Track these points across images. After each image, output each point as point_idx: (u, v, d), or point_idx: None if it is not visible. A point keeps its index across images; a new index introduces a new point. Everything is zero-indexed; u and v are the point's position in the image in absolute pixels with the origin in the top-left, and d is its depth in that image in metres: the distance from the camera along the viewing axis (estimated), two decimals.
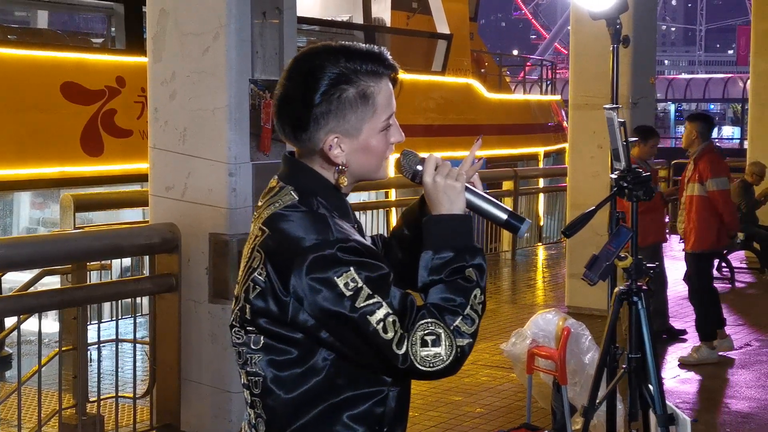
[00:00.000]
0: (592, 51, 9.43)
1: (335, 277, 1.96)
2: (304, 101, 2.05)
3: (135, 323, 6.61)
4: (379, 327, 1.95)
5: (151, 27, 6.15)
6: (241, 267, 2.13)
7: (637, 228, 3.66)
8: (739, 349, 8.54)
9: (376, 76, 2.09)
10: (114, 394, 6.16)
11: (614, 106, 3.53)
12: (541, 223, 15.37)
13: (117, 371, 6.21)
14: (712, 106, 64.86)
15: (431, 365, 1.96)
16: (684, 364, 7.92)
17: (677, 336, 8.89)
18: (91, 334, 6.04)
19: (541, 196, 15.74)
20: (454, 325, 1.98)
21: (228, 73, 5.81)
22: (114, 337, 6.37)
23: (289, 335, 2.03)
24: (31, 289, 6.47)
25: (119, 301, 7.24)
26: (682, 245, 13.46)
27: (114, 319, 7.37)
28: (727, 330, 9.33)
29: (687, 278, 8.44)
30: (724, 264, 12.19)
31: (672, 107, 60.42)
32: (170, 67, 6.07)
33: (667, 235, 14.68)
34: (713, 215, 7.94)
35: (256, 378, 2.08)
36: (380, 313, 1.95)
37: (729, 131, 59.10)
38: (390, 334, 1.95)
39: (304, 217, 2.03)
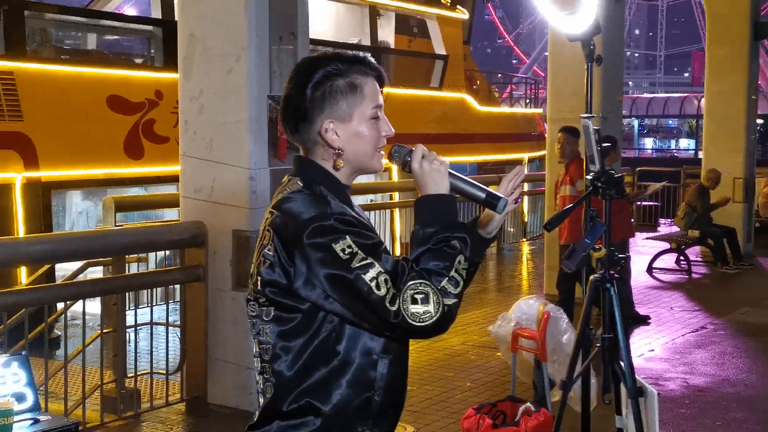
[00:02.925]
0: (567, 72, 9.39)
1: (333, 244, 1.94)
2: (302, 93, 2.08)
3: (167, 309, 6.58)
4: (373, 284, 1.91)
5: (182, 50, 6.12)
6: (255, 247, 2.12)
7: (610, 223, 3.59)
8: (696, 331, 8.49)
9: (362, 73, 2.12)
10: (149, 371, 6.11)
11: (590, 115, 3.46)
12: (526, 220, 15.29)
13: (152, 350, 6.15)
14: (670, 122, 64.96)
15: (421, 321, 1.91)
16: None
17: (642, 321, 8.83)
18: (129, 318, 6.00)
19: (526, 197, 15.70)
20: (441, 285, 1.93)
21: (249, 91, 5.78)
22: (149, 320, 6.34)
23: (295, 305, 2.01)
24: (78, 278, 6.43)
25: (154, 289, 7.19)
26: (646, 240, 13.60)
27: (149, 305, 7.34)
28: (685, 315, 9.32)
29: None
30: (682, 258, 12.15)
31: (636, 122, 60.60)
32: (199, 85, 6.03)
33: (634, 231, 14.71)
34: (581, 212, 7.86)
35: (267, 346, 2.06)
36: (373, 272, 1.92)
37: (685, 143, 59.08)
38: (383, 291, 1.91)
39: (307, 197, 2.04)
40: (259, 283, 2.06)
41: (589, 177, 3.48)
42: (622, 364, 3.46)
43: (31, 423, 3.30)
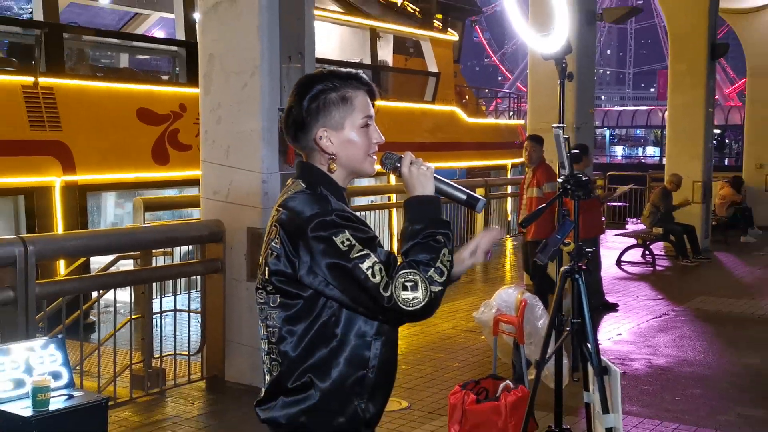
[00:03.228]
0: (545, 88, 9.37)
1: (333, 237, 1.95)
2: (300, 106, 2.09)
3: (189, 297, 6.57)
4: (369, 272, 1.92)
5: (202, 67, 6.12)
6: (264, 242, 2.12)
7: (578, 221, 3.59)
8: (659, 317, 8.49)
9: (354, 87, 2.12)
10: (173, 352, 6.10)
11: (560, 125, 3.46)
12: (509, 219, 15.27)
13: (175, 334, 6.15)
14: (638, 132, 64.89)
15: (411, 305, 1.91)
16: None
17: (611, 308, 8.82)
18: (156, 306, 5.99)
19: (509, 199, 15.70)
20: (428, 274, 1.93)
21: (261, 104, 5.79)
22: (173, 307, 6.34)
23: (298, 293, 2.01)
24: (110, 270, 6.42)
25: (178, 280, 7.17)
26: (615, 237, 13.60)
27: (174, 294, 7.33)
28: (649, 303, 9.32)
29: (529, 261, 8.15)
30: (647, 252, 12.16)
31: (607, 132, 60.66)
32: (217, 99, 6.04)
33: (604, 228, 14.71)
34: (548, 211, 7.83)
35: (273, 329, 2.06)
36: (369, 262, 1.93)
37: (651, 151, 59.07)
38: (377, 279, 1.92)
39: (310, 197, 2.04)
40: (266, 272, 2.06)
41: (560, 180, 3.48)
42: (589, 345, 3.45)
43: (66, 398, 3.31)
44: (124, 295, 6.09)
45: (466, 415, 3.86)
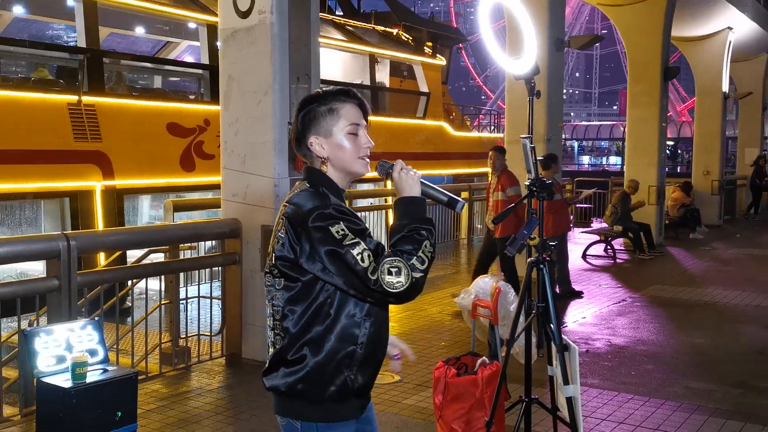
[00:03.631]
0: (521, 104, 9.37)
1: (329, 227, 1.96)
2: (297, 120, 2.15)
3: (211, 286, 6.55)
4: (358, 257, 1.93)
5: (222, 87, 6.11)
6: (272, 233, 2.14)
7: (543, 218, 3.57)
8: (618, 303, 8.48)
9: (341, 101, 2.14)
10: (197, 333, 6.11)
11: (528, 136, 3.45)
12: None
13: (199, 318, 6.14)
14: (603, 143, 64.90)
15: (394, 288, 1.92)
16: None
17: (577, 295, 8.82)
18: (182, 293, 5.99)
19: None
20: (411, 262, 1.94)
21: (273, 118, 5.79)
22: (197, 294, 6.33)
23: (298, 277, 2.03)
24: (142, 262, 6.42)
25: (202, 270, 7.16)
26: (582, 234, 13.58)
27: (198, 283, 7.33)
28: (610, 290, 9.31)
29: (491, 254, 8.16)
30: (609, 247, 12.14)
31: (575, 144, 60.69)
32: (235, 114, 6.02)
33: (572, 226, 14.68)
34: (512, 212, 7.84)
35: (278, 308, 2.08)
36: (359, 249, 1.94)
37: (614, 160, 59.09)
38: (366, 263, 1.93)
39: (312, 194, 2.06)
40: (273, 258, 2.08)
41: (526, 183, 3.47)
42: (552, 326, 3.45)
43: (101, 372, 3.30)
44: (155, 284, 6.08)
45: (448, 387, 3.85)
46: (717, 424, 4.68)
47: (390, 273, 1.91)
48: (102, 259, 8.26)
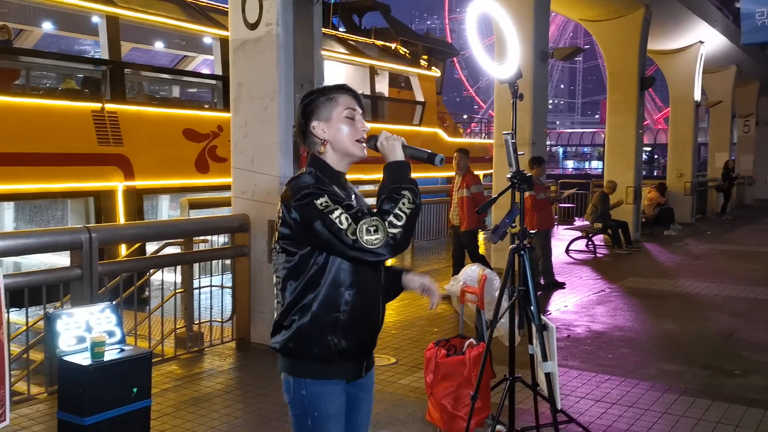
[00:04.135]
0: (508, 110, 9.28)
1: (314, 200, 2.00)
2: (300, 111, 2.20)
3: (222, 276, 6.54)
4: (337, 221, 1.95)
5: (232, 93, 6.12)
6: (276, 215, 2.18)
7: (523, 208, 3.56)
8: (597, 293, 8.47)
9: (339, 92, 2.19)
10: (209, 319, 6.10)
11: (510, 132, 3.44)
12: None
13: (211, 305, 6.14)
14: (585, 149, 64.87)
15: (372, 245, 1.93)
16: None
17: (560, 286, 8.81)
18: (196, 282, 5.98)
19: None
20: (388, 219, 1.95)
21: (279, 122, 5.79)
22: (210, 284, 6.32)
23: (296, 251, 2.07)
24: (159, 254, 6.41)
25: (214, 262, 7.15)
26: (565, 230, 13.56)
27: (210, 273, 7.30)
28: (590, 282, 9.30)
29: (463, 247, 8.13)
30: (590, 243, 12.13)
31: (561, 149, 60.66)
32: (244, 118, 6.02)
33: (555, 223, 14.65)
34: (475, 208, 7.82)
35: (279, 279, 2.13)
36: (337, 213, 1.97)
37: (596, 164, 59.07)
38: (344, 225, 1.95)
39: (304, 176, 2.11)
40: (276, 236, 2.13)
41: (508, 176, 3.46)
42: (532, 308, 3.44)
43: (118, 351, 3.29)
44: (171, 276, 6.07)
45: (438, 367, 3.84)
46: (687, 402, 4.67)
47: (369, 232, 1.93)
48: (123, 251, 8.26)
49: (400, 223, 1.95)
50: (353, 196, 2.16)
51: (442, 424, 3.82)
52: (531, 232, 3.46)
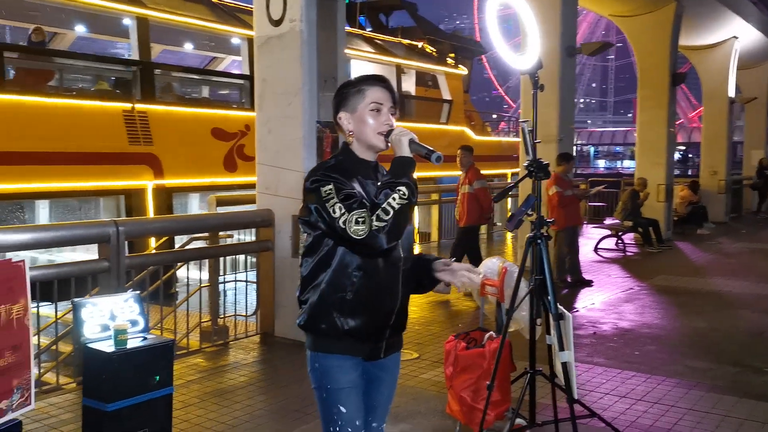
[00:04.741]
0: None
1: (321, 187, 2.09)
2: (333, 101, 2.30)
3: (247, 273, 6.60)
4: (331, 209, 2.05)
5: (257, 90, 6.17)
6: None
7: (540, 196, 3.52)
8: (625, 291, 8.36)
9: (369, 84, 2.25)
10: (234, 313, 6.17)
11: (526, 120, 3.42)
12: (509, 213, 15.12)
13: (236, 299, 6.21)
14: (618, 148, 64.02)
15: (357, 235, 2.01)
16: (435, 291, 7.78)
17: (587, 284, 8.71)
18: (221, 278, 6.06)
19: (510, 199, 15.54)
20: (376, 213, 2.02)
21: (303, 117, 5.82)
22: (234, 279, 6.39)
23: (311, 232, 2.19)
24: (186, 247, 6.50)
25: (239, 258, 7.24)
26: (594, 229, 13.40)
27: (235, 269, 7.40)
28: (618, 280, 9.18)
29: (458, 244, 8.08)
30: (620, 241, 11.97)
31: (592, 149, 59.92)
32: (268, 114, 6.08)
33: (584, 221, 14.50)
34: (476, 204, 7.82)
35: (301, 259, 2.26)
36: (334, 201, 2.06)
37: (628, 164, 58.31)
38: (338, 214, 2.04)
39: (323, 163, 2.20)
40: (300, 221, 2.24)
41: (524, 164, 3.43)
42: (549, 297, 3.41)
43: (141, 339, 3.35)
44: (196, 274, 6.15)
45: (457, 359, 3.83)
46: (714, 399, 4.59)
47: (357, 222, 2.01)
48: (154, 243, 8.36)
49: (386, 217, 2.02)
50: (369, 185, 2.20)
51: (461, 416, 3.82)
52: (549, 221, 3.42)
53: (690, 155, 51.96)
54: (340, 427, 2.20)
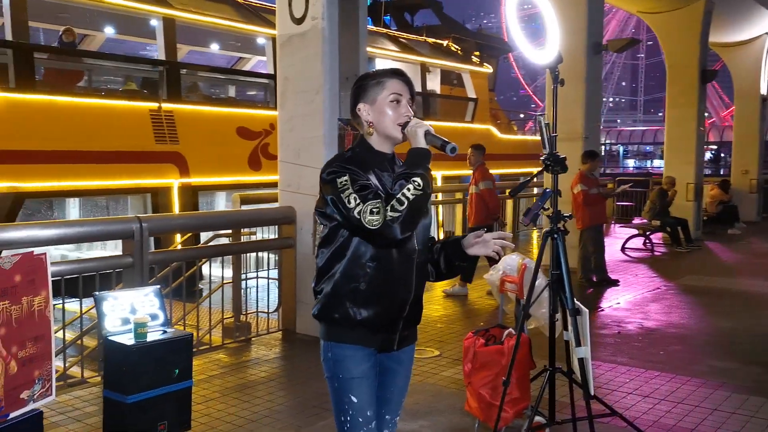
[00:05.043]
0: (559, 105, 9.17)
1: (337, 178, 2.10)
2: (352, 92, 2.30)
3: (269, 270, 6.65)
4: (346, 200, 2.06)
5: (279, 88, 6.21)
6: None
7: (557, 189, 3.48)
8: (652, 291, 8.24)
9: (388, 76, 2.26)
10: (256, 310, 6.21)
11: (542, 113, 3.39)
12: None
13: (257, 295, 6.25)
14: (648, 147, 63.12)
15: (372, 225, 2.02)
16: (446, 293, 7.76)
17: (613, 283, 8.60)
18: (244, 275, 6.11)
19: (533, 198, 15.48)
20: (390, 203, 2.03)
21: (324, 115, 5.83)
22: (256, 276, 6.43)
23: (327, 223, 2.20)
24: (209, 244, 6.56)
25: (261, 255, 7.27)
26: (621, 228, 13.21)
27: (257, 266, 7.43)
28: (645, 279, 9.05)
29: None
30: (647, 241, 11.81)
31: (621, 148, 59.17)
32: (290, 112, 6.11)
33: (612, 221, 14.33)
34: (483, 204, 7.73)
35: (317, 249, 2.28)
36: (349, 191, 2.07)
37: (658, 163, 57.45)
38: (353, 204, 2.05)
39: (340, 155, 2.22)
40: (317, 212, 2.26)
41: (541, 158, 3.40)
42: (566, 292, 3.37)
43: (160, 333, 3.40)
44: (219, 271, 6.21)
45: (476, 356, 3.82)
46: (739, 400, 4.50)
47: (372, 213, 2.02)
48: (179, 239, 8.47)
49: (400, 208, 2.03)
50: (385, 177, 2.20)
51: (480, 414, 3.80)
52: (565, 215, 3.38)
53: (722, 154, 50.99)
54: (351, 417, 2.22)
